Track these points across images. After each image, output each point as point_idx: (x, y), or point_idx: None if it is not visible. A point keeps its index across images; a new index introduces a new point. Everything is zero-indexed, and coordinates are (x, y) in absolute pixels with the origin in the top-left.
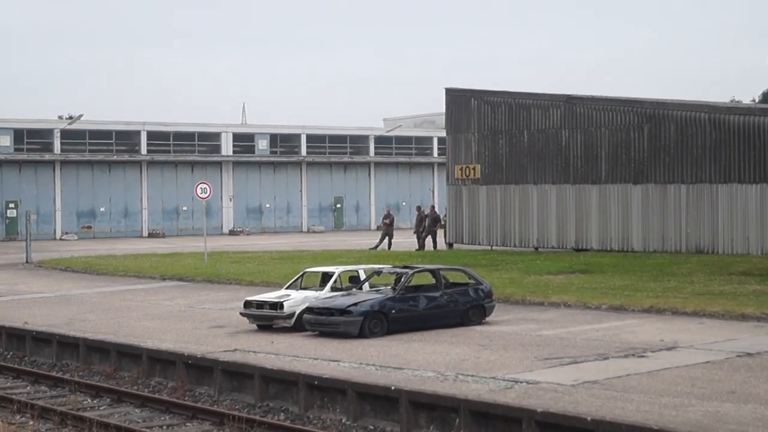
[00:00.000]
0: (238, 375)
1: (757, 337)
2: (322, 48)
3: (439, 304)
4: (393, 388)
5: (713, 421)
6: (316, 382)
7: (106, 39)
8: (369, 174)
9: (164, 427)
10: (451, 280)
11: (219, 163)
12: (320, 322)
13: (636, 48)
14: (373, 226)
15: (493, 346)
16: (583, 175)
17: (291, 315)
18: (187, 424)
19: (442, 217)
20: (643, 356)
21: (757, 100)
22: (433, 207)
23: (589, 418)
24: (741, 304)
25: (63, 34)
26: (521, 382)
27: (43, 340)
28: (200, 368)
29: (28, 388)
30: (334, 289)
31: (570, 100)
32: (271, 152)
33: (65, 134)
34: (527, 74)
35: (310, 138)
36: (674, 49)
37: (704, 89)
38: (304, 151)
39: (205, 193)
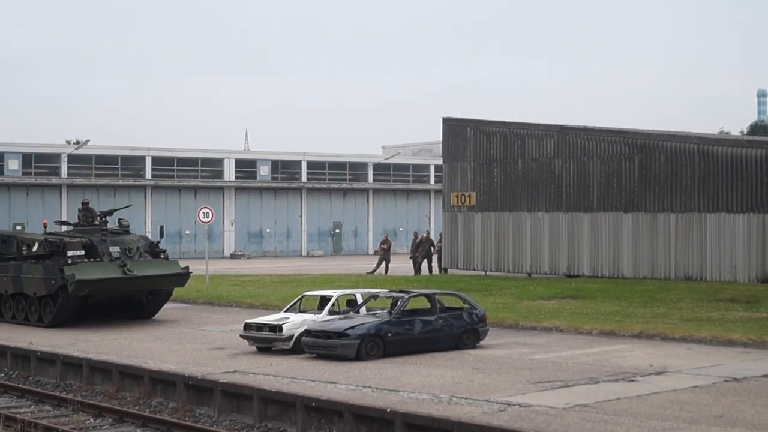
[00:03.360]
0: (237, 396)
1: (744, 363)
2: (323, 77)
3: (434, 328)
4: (389, 410)
5: None
6: (313, 404)
7: (115, 68)
8: (367, 200)
9: None
10: (446, 305)
11: (221, 188)
12: (318, 345)
13: (630, 79)
14: (371, 251)
15: (487, 370)
16: (576, 203)
17: (290, 337)
18: None
19: (436, 242)
20: (632, 380)
21: (745, 132)
22: (428, 232)
23: None
24: (728, 330)
25: (72, 62)
26: (514, 405)
27: (47, 360)
28: (200, 389)
29: (33, 407)
30: (331, 312)
31: (563, 130)
32: (272, 178)
33: (72, 159)
34: (523, 104)
35: (311, 164)
36: (667, 80)
37: (694, 120)
38: (304, 177)
39: (208, 217)
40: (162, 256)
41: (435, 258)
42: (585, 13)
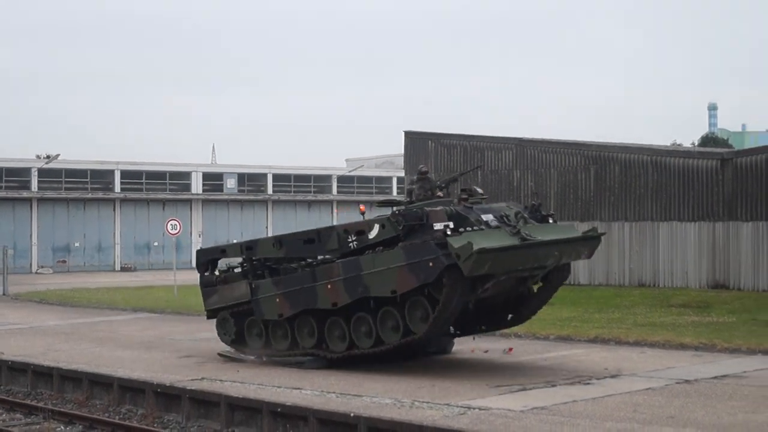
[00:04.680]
0: (204, 402)
1: (695, 366)
2: (289, 92)
3: None
4: (352, 414)
5: None
6: (279, 409)
7: (83, 84)
8: (332, 212)
9: None
10: None
11: (189, 201)
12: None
13: (588, 93)
14: None
15: (448, 375)
16: None
17: None
18: None
19: None
20: (588, 383)
21: (696, 144)
22: None
23: None
24: (680, 334)
25: (41, 79)
26: (474, 408)
27: (18, 369)
28: (169, 396)
29: (4, 415)
30: None
31: (521, 143)
32: (239, 191)
33: (42, 173)
34: (482, 117)
35: (276, 177)
36: (622, 94)
37: (647, 133)
38: (270, 189)
39: (176, 229)
40: (551, 221)
41: None
42: (545, 31)
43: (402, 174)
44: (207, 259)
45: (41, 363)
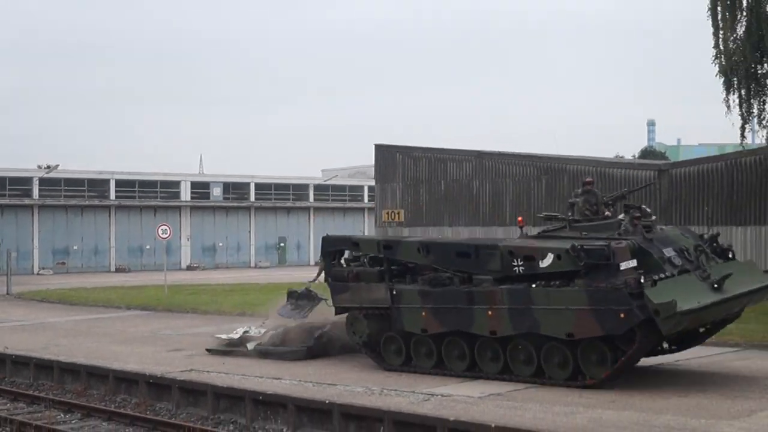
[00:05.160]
0: (193, 392)
1: None
2: (270, 107)
3: None
4: (327, 401)
5: (597, 425)
6: (260, 398)
7: (82, 99)
8: (309, 217)
9: None
10: None
11: (178, 208)
12: (271, 352)
13: (540, 109)
14: (312, 262)
15: None
16: (491, 218)
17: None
18: None
19: None
20: None
21: (636, 156)
22: None
23: (492, 425)
24: None
25: (43, 94)
26: (437, 395)
27: (21, 362)
28: (160, 386)
29: (8, 405)
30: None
31: (480, 155)
32: (224, 198)
33: (43, 182)
34: (447, 131)
35: (258, 186)
36: (571, 110)
37: (593, 146)
38: (252, 197)
39: (166, 233)
40: (730, 255)
41: None
42: (506, 50)
43: (373, 183)
44: (334, 249)
45: (42, 357)
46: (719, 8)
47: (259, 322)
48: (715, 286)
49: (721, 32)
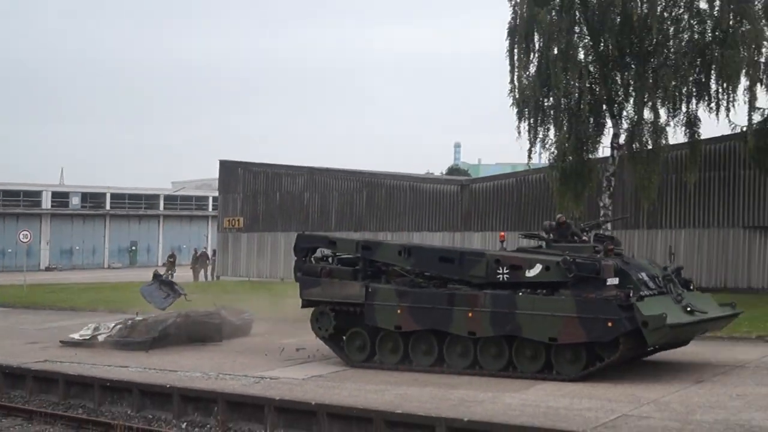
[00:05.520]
0: (46, 380)
1: None
2: (124, 122)
3: None
4: (168, 386)
5: (402, 400)
6: (108, 384)
7: None
8: (159, 224)
9: None
10: None
11: (39, 215)
12: (119, 343)
13: (361, 129)
14: (161, 264)
15: (247, 353)
16: (318, 226)
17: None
18: (3, 420)
19: (211, 256)
20: None
21: (444, 173)
22: (205, 248)
23: (313, 402)
24: None
25: None
26: (266, 378)
27: None
28: (15, 376)
29: None
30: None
31: (311, 171)
32: (82, 206)
33: None
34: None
35: (114, 196)
36: (388, 131)
37: (407, 163)
38: (108, 206)
39: (27, 238)
40: (691, 287)
41: (209, 268)
42: (344, 88)
43: (216, 194)
44: (307, 246)
45: None
46: (516, 50)
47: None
48: (688, 309)
49: (517, 71)
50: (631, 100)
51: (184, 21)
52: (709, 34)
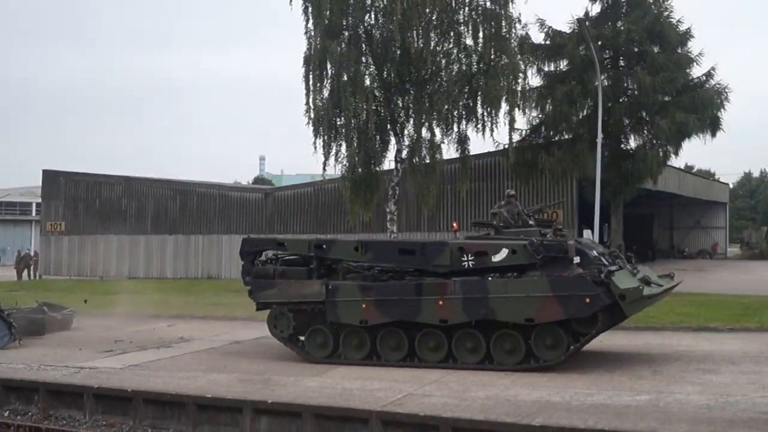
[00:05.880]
0: None
1: (243, 331)
2: None
3: None
4: None
5: (213, 386)
6: None
7: None
8: None
9: None
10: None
11: None
12: None
13: (174, 140)
14: None
15: (69, 345)
16: (136, 228)
17: None
18: None
19: (32, 256)
20: (169, 347)
21: (250, 182)
22: (28, 250)
23: (129, 389)
24: (234, 310)
25: None
26: (85, 368)
27: None
28: None
29: None
30: None
31: (128, 180)
32: None
33: None
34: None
35: None
36: (204, 144)
37: (218, 173)
38: None
39: None
40: (633, 261)
41: (32, 268)
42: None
43: (40, 200)
44: (254, 249)
45: None
46: (311, 76)
47: None
48: (647, 281)
49: (312, 94)
50: (411, 121)
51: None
52: (475, 66)
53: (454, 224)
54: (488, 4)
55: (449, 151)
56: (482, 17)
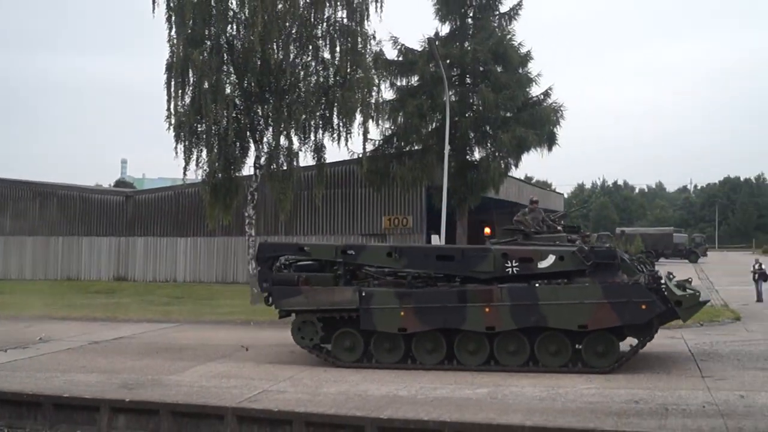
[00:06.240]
0: None
1: (102, 332)
2: None
3: None
4: None
5: (70, 385)
6: None
7: None
8: None
9: None
10: None
11: None
12: None
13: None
14: None
15: None
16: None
17: None
18: None
19: None
20: (27, 347)
21: (112, 185)
22: None
23: None
24: (94, 311)
25: None
26: None
27: None
28: None
29: None
30: None
31: None
32: None
33: None
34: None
35: None
36: (60, 149)
37: (79, 175)
38: None
39: None
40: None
41: None
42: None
43: None
44: (272, 255)
45: None
46: (172, 83)
47: None
48: (682, 287)
49: (173, 100)
50: (270, 129)
51: None
52: (332, 79)
53: (487, 229)
54: (345, 20)
55: (306, 159)
56: (339, 33)
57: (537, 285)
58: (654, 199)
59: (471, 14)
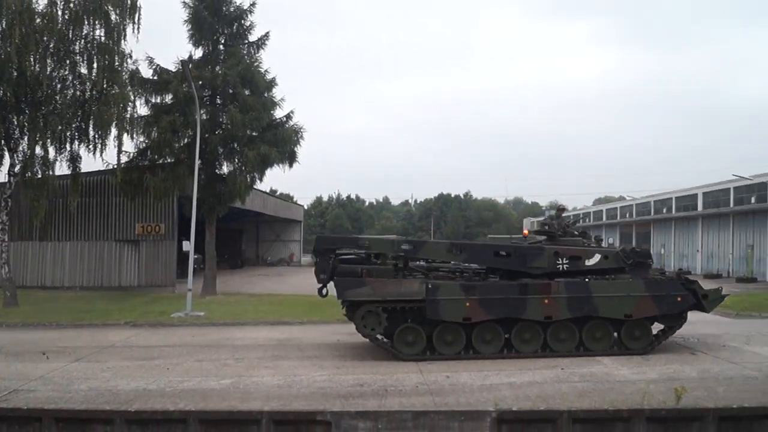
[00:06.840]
0: None
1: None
2: None
3: None
4: None
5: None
6: None
7: None
8: None
9: None
10: None
11: None
12: None
13: None
14: None
15: None
16: None
17: None
18: None
19: None
20: None
21: None
22: None
23: None
24: None
25: None
26: None
27: None
28: None
29: None
30: None
31: None
32: None
33: None
34: None
35: None
36: None
37: None
38: None
39: None
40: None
41: None
42: None
43: None
44: (329, 248)
45: None
46: None
47: None
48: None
49: None
50: (26, 139)
51: None
52: (89, 93)
53: (525, 231)
54: (103, 39)
55: (62, 168)
56: (97, 50)
57: (587, 280)
58: (381, 210)
59: (222, 41)
